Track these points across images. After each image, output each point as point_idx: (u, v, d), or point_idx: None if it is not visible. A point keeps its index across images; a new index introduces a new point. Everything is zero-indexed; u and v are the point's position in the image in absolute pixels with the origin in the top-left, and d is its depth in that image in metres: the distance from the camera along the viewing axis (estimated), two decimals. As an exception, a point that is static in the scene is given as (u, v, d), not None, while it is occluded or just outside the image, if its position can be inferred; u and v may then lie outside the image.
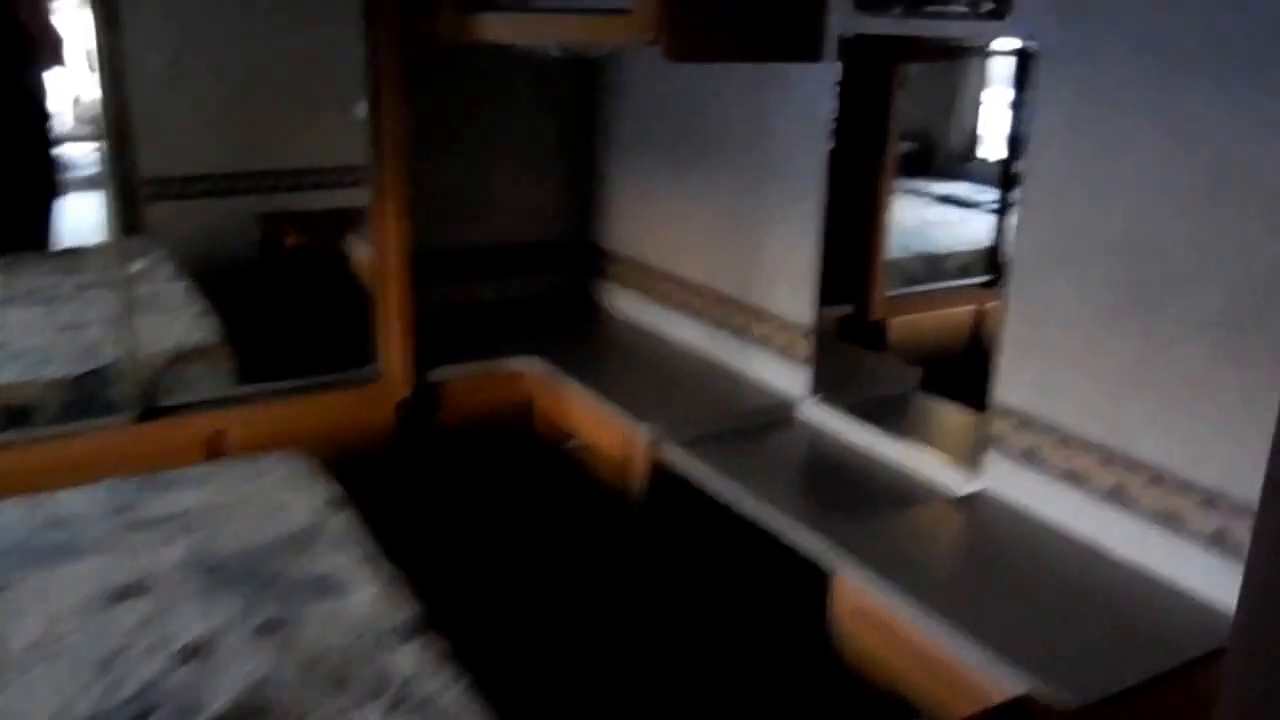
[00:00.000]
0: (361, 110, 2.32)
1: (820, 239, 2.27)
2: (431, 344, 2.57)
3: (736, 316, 2.53)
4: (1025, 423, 1.82)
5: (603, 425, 2.34)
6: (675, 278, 2.75)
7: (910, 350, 2.66)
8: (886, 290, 2.66)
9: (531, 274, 3.08)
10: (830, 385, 2.30)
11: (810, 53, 2.15)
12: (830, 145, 2.21)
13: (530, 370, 2.61)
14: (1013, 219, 1.85)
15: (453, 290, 2.92)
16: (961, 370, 2.63)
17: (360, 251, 2.63)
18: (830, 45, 2.14)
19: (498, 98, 2.91)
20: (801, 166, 2.27)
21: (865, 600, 1.65)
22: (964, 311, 2.74)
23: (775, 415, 2.32)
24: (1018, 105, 2.70)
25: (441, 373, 2.57)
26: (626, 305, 2.97)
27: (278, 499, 1.95)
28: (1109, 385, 1.68)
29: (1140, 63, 1.58)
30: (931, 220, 2.92)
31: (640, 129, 2.84)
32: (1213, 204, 1.51)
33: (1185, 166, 1.54)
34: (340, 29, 2.31)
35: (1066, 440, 1.75)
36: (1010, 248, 1.85)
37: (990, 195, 2.96)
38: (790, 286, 2.35)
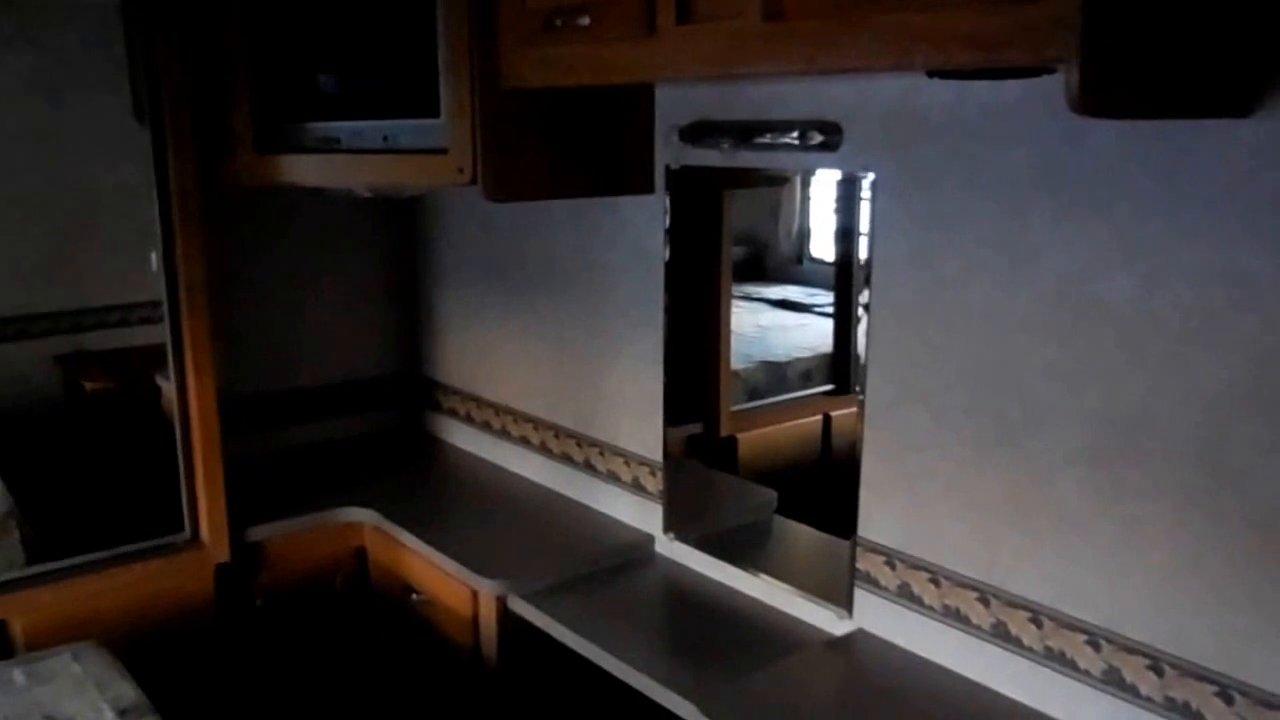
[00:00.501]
0: (154, 259, 2.10)
1: (663, 369, 2.17)
2: (252, 499, 2.34)
3: (580, 451, 2.40)
4: (895, 559, 1.75)
5: (445, 579, 2.14)
6: (513, 410, 2.60)
7: (763, 465, 2.59)
8: (733, 404, 2.61)
9: (360, 413, 2.88)
10: (685, 516, 2.19)
11: (638, 186, 2.08)
12: (666, 265, 2.14)
13: (362, 521, 2.39)
14: (860, 325, 1.80)
15: (274, 436, 2.69)
16: (818, 485, 2.60)
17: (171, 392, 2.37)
18: (659, 177, 2.08)
19: (315, 232, 2.74)
20: (638, 296, 2.19)
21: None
22: (813, 422, 2.71)
23: (631, 555, 2.18)
24: (844, 212, 2.76)
25: (264, 530, 2.33)
26: (463, 441, 2.79)
27: (58, 715, 1.65)
28: (979, 521, 1.63)
29: (977, 193, 1.57)
30: (768, 326, 2.90)
31: (467, 259, 2.71)
32: (1067, 335, 1.49)
33: (1034, 297, 1.52)
34: (140, 164, 2.09)
35: (940, 577, 1.69)
36: (862, 375, 1.80)
37: (826, 297, 3.00)
38: (636, 419, 2.25)
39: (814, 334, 2.86)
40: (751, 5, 1.35)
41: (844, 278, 2.72)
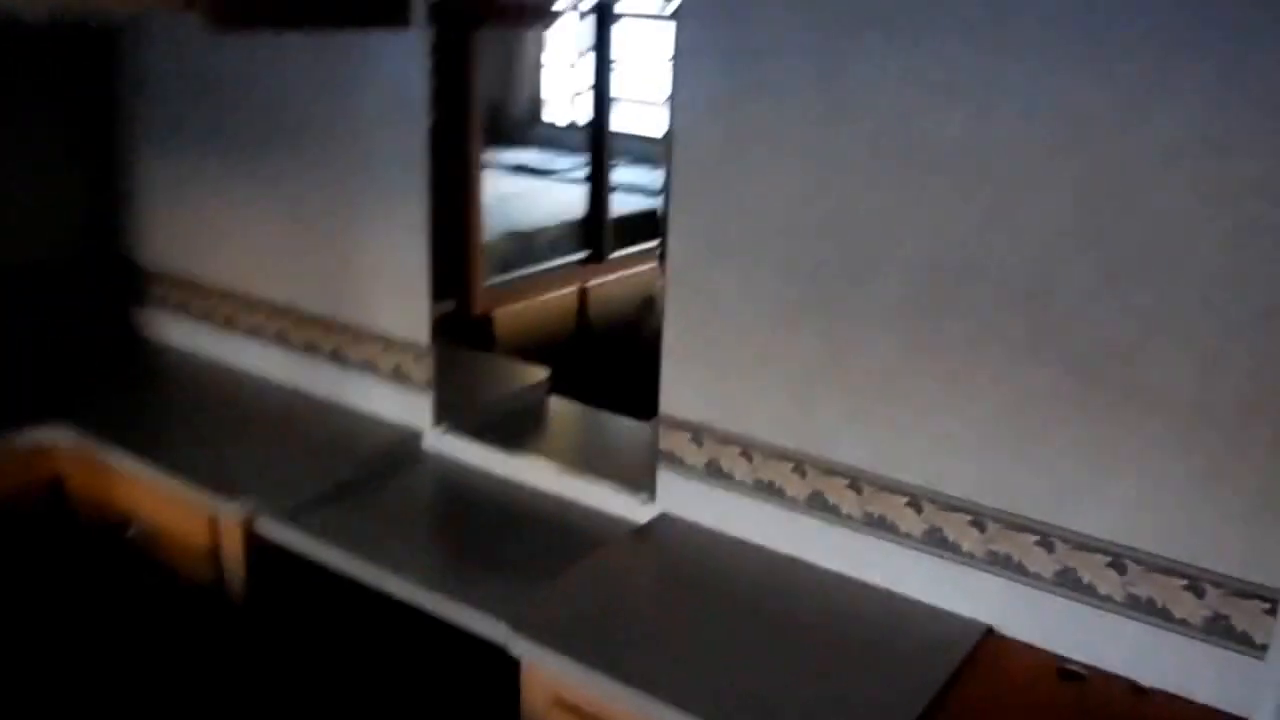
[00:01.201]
0: None
1: (429, 239, 1.88)
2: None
3: (328, 338, 2.07)
4: (702, 434, 1.61)
5: (172, 505, 1.78)
6: (241, 296, 2.21)
7: (523, 344, 2.40)
8: (485, 279, 2.38)
9: (46, 306, 2.33)
10: (454, 405, 1.95)
11: (393, 16, 1.74)
12: (429, 115, 1.83)
13: (56, 443, 1.95)
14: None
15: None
16: (588, 361, 2.44)
17: None
18: (419, 9, 1.75)
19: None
20: (397, 153, 1.86)
21: (562, 688, 1.34)
22: (569, 294, 2.54)
23: (396, 455, 1.91)
24: (601, 67, 2.54)
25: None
26: (180, 337, 2.36)
27: None
28: (795, 387, 1.51)
29: (794, 24, 1.39)
30: (510, 194, 2.67)
31: (178, 113, 2.24)
32: (892, 179, 1.37)
33: (857, 139, 1.38)
34: None
35: (753, 450, 1.56)
36: (663, 234, 1.61)
37: (566, 162, 2.79)
38: (396, 298, 1.95)
39: (557, 201, 2.67)
40: None
41: (597, 139, 2.54)
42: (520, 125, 2.82)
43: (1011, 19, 1.24)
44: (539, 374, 2.19)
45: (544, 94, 2.76)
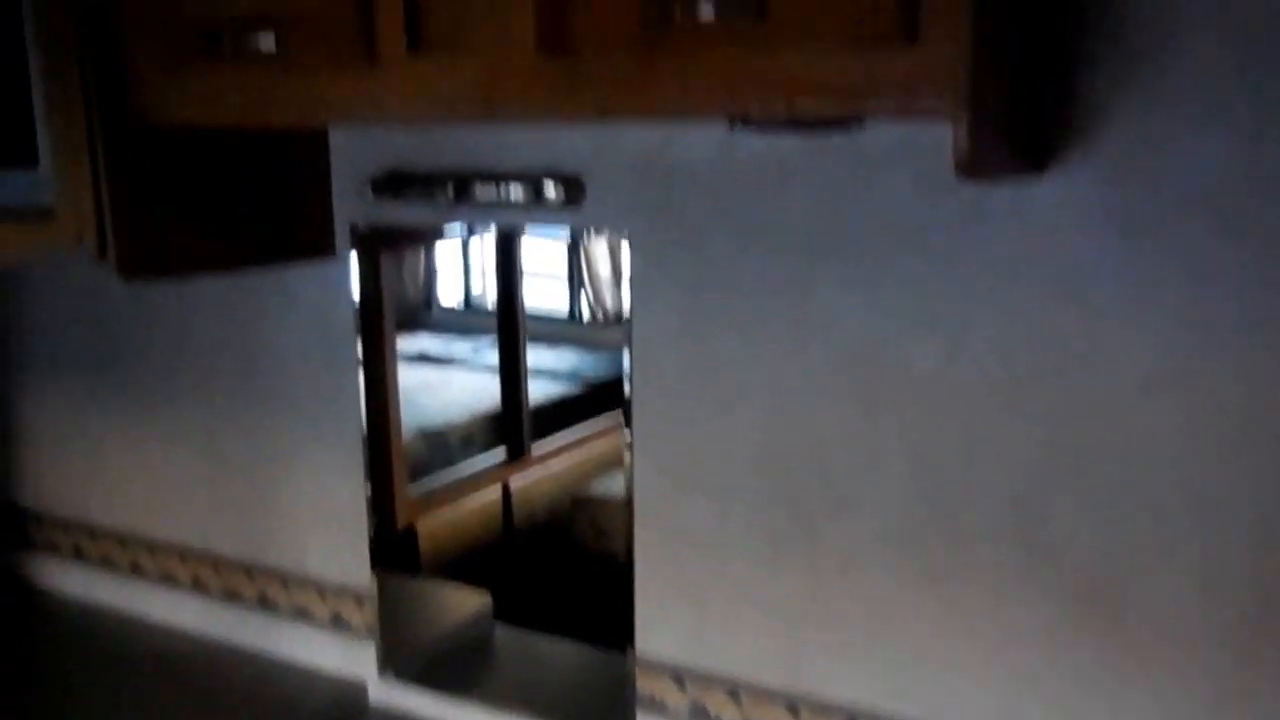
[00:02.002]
0: None
1: (366, 470, 1.77)
2: None
3: (252, 584, 1.91)
4: (684, 676, 1.52)
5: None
6: (147, 540, 2.02)
7: (450, 558, 2.26)
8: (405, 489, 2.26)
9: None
10: (396, 648, 1.79)
11: (316, 249, 1.67)
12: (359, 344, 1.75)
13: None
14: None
15: None
16: (519, 573, 2.31)
17: None
18: (340, 238, 1.69)
19: None
20: (324, 384, 1.77)
21: None
22: (492, 496, 2.43)
23: (344, 713, 1.74)
24: (503, 250, 2.46)
25: None
26: (73, 586, 2.13)
27: None
28: (781, 622, 1.44)
29: (754, 255, 1.38)
30: (413, 387, 2.57)
31: (69, 348, 2.08)
32: (866, 408, 1.35)
33: (827, 369, 1.36)
34: None
35: (740, 691, 1.48)
36: (628, 466, 1.55)
37: (465, 346, 2.71)
38: (329, 536, 1.82)
39: (464, 391, 2.57)
40: (520, 31, 1.05)
41: (508, 326, 2.48)
42: (413, 309, 2.74)
43: (978, 248, 1.26)
44: (480, 599, 2.05)
45: (437, 272, 2.69)
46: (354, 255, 1.69)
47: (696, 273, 1.42)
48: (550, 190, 1.49)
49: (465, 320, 2.60)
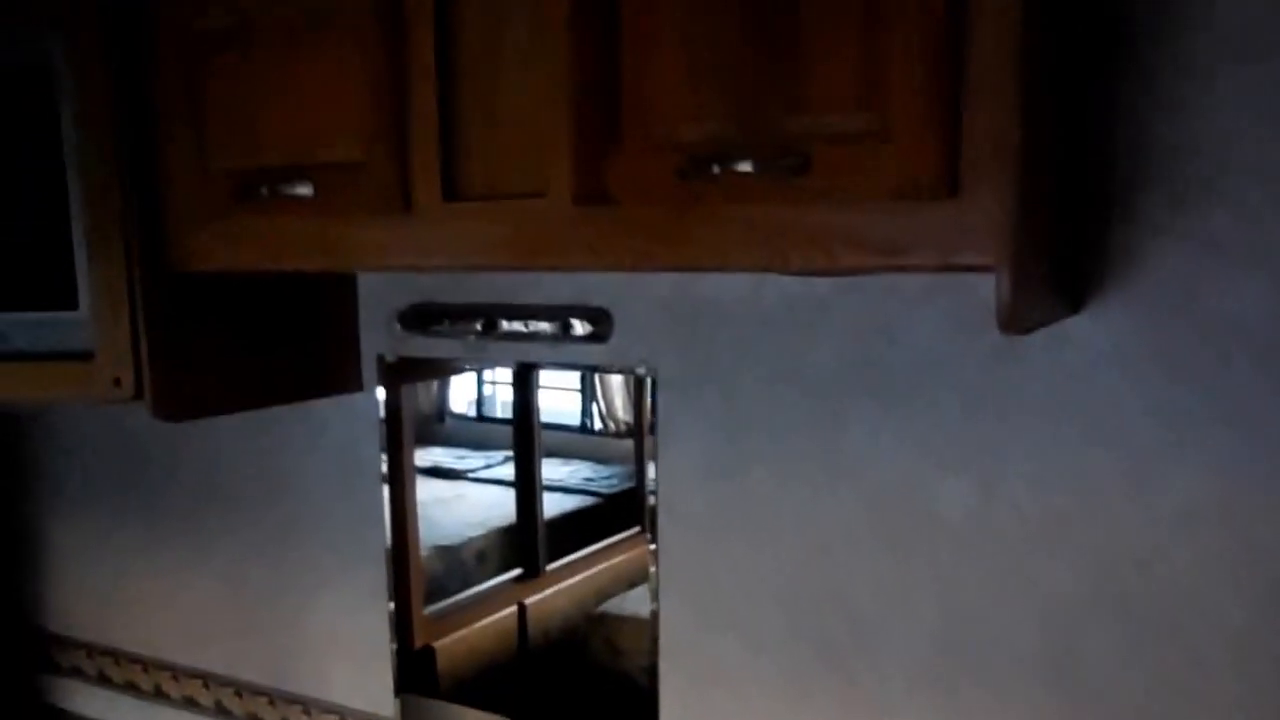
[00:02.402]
0: None
1: (391, 601, 1.75)
2: None
3: (274, 711, 1.88)
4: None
5: None
6: (170, 665, 2.00)
7: (467, 678, 2.21)
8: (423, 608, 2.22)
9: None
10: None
11: (345, 384, 1.69)
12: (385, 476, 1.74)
13: None
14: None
15: None
16: (539, 696, 2.26)
17: None
18: (368, 371, 1.70)
19: None
20: (348, 513, 1.77)
21: None
22: (508, 615, 2.38)
23: None
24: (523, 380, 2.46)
25: None
26: (97, 710, 2.11)
27: None
28: (817, 764, 1.40)
29: (786, 393, 1.38)
30: (427, 501, 2.55)
31: (94, 474, 2.09)
32: (897, 547, 1.33)
33: (858, 507, 1.35)
34: None
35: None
36: (654, 598, 1.52)
37: (478, 459, 2.68)
38: (353, 664, 1.79)
39: (476, 506, 2.55)
40: (557, 182, 1.07)
41: (523, 438, 2.46)
42: (424, 420, 2.74)
43: (1013, 387, 1.25)
44: (502, 728, 2.00)
45: (450, 389, 2.69)
46: (381, 388, 1.70)
47: (725, 408, 1.42)
48: (578, 326, 1.49)
49: (478, 432, 2.60)
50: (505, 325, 1.55)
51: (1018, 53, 0.87)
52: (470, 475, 2.57)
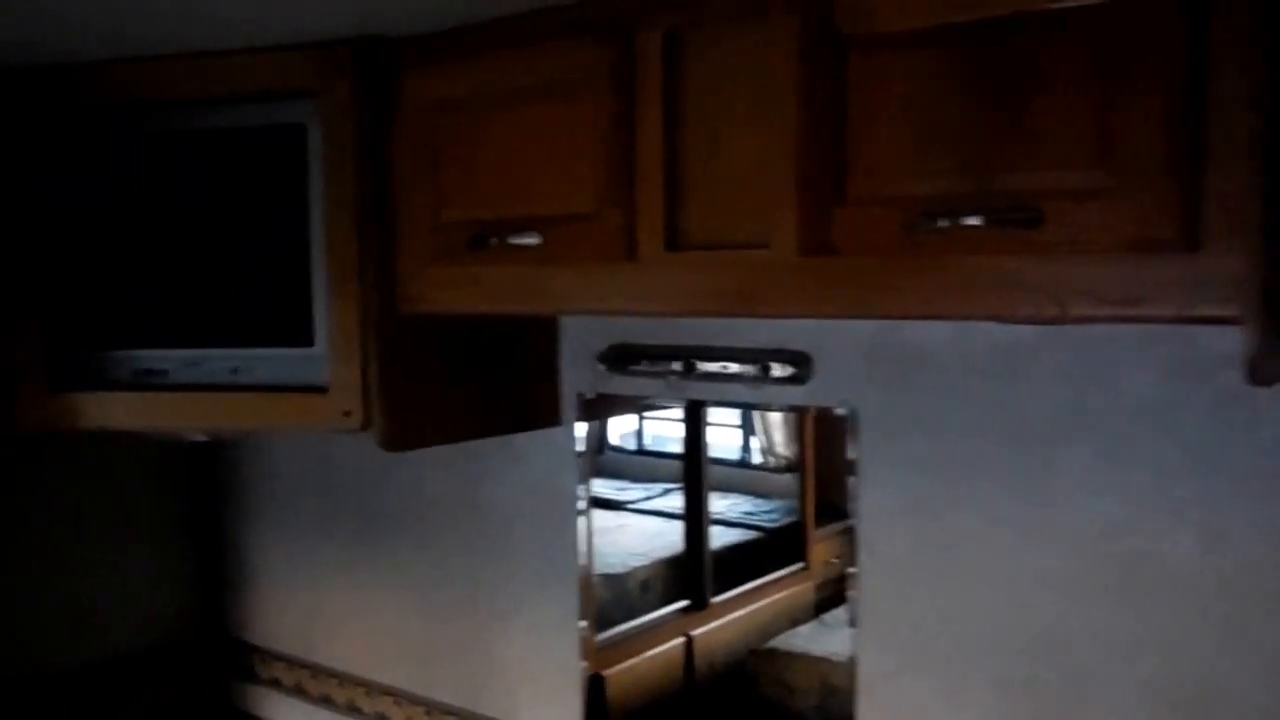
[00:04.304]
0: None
1: (583, 635, 1.82)
2: None
3: (464, 731, 1.96)
4: None
5: None
6: (364, 681, 2.11)
7: (634, 708, 2.26)
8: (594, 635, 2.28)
9: (153, 691, 2.25)
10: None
11: (545, 418, 1.77)
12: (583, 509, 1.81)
13: None
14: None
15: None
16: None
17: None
18: (567, 407, 1.78)
19: (87, 473, 2.17)
20: (543, 544, 1.84)
21: None
22: (675, 647, 2.41)
23: None
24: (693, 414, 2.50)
25: None
26: (296, 718, 2.24)
27: None
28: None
29: (992, 437, 1.38)
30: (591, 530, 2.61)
31: (298, 497, 2.24)
32: (1114, 595, 1.31)
33: (1070, 553, 1.33)
34: None
35: None
36: (855, 642, 1.53)
37: (637, 490, 2.73)
38: (541, 691, 1.86)
39: (640, 536, 2.58)
40: (782, 233, 1.11)
41: (693, 472, 2.50)
42: (587, 454, 2.81)
43: (1236, 434, 1.21)
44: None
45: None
46: (581, 423, 1.77)
47: (930, 451, 1.43)
48: (776, 368, 1.53)
49: (637, 465, 2.65)
50: (702, 366, 1.60)
51: (1262, 110, 0.87)
52: (630, 506, 2.64)
